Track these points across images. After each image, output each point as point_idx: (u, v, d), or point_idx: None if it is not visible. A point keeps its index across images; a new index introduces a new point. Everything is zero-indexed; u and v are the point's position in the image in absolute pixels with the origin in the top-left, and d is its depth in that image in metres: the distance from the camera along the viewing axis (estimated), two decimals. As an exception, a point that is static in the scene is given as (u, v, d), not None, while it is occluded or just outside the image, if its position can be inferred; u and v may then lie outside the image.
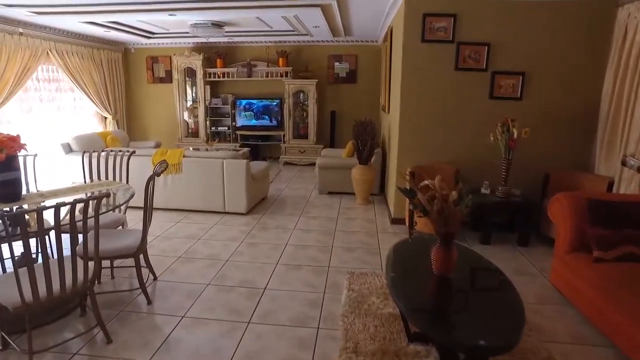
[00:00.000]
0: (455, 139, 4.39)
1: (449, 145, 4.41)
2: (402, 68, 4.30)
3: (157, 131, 8.90)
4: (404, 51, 4.25)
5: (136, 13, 5.27)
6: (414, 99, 4.33)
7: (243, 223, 4.72)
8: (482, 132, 4.19)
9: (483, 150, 4.25)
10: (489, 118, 4.20)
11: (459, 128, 4.36)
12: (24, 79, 6.06)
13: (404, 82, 4.33)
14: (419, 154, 4.44)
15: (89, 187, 3.16)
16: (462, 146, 4.39)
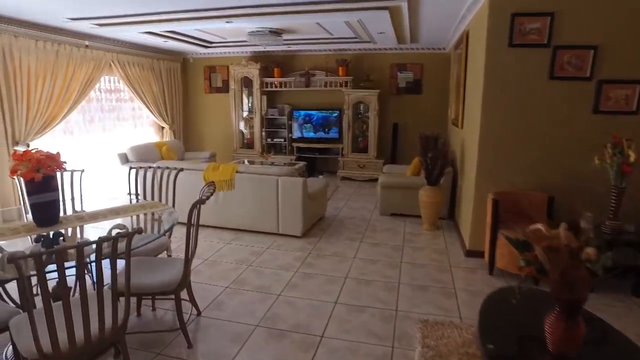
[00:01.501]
0: (547, 161, 3.70)
1: (539, 169, 3.72)
2: (484, 77, 3.69)
3: (212, 142, 8.80)
4: (486, 58, 3.65)
5: (193, 21, 5.07)
6: (498, 113, 3.71)
7: (298, 248, 4.29)
8: (583, 153, 3.48)
9: (583, 175, 3.54)
10: (591, 136, 3.49)
11: (552, 148, 3.66)
12: (87, 90, 6.09)
13: (485, 94, 3.72)
14: (501, 177, 3.80)
15: (130, 210, 2.86)
16: (555, 170, 3.69)
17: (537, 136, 3.67)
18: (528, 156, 3.72)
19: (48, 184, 2.37)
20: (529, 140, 3.69)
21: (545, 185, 3.70)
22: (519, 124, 3.68)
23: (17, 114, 5.13)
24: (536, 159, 3.71)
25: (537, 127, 3.66)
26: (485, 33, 3.62)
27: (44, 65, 5.37)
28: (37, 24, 5.22)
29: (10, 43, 4.99)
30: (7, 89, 5.00)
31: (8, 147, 5.10)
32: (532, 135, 3.68)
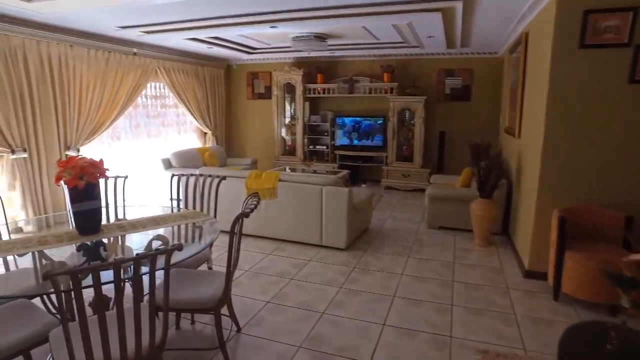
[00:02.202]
0: (624, 175, 3.30)
1: (615, 184, 3.33)
2: (550, 82, 3.36)
3: (254, 148, 8.78)
4: (552, 61, 3.32)
5: (238, 27, 5.02)
6: (565, 122, 3.36)
7: (342, 261, 4.09)
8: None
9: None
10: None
11: (631, 160, 3.27)
12: (134, 96, 6.20)
13: (550, 100, 3.38)
14: (568, 192, 3.44)
15: (171, 220, 2.77)
16: (635, 185, 3.29)
17: (613, 147, 3.29)
18: (601, 170, 3.35)
19: (90, 192, 2.31)
20: (602, 152, 3.32)
21: (621, 201, 3.31)
22: (591, 133, 3.32)
23: (69, 120, 5.26)
24: (611, 173, 3.33)
25: (613, 136, 3.28)
26: (552, 34, 3.30)
27: (94, 73, 5.50)
28: (90, 34, 5.36)
29: (66, 52, 5.14)
30: (62, 96, 5.15)
31: (60, 151, 5.23)
32: (607, 145, 3.30)
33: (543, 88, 3.47)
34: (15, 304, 2.24)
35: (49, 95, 5.02)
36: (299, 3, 4.08)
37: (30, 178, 4.89)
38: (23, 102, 4.75)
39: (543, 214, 3.51)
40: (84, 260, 2.42)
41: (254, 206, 2.32)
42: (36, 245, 2.26)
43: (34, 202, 4.94)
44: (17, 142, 4.71)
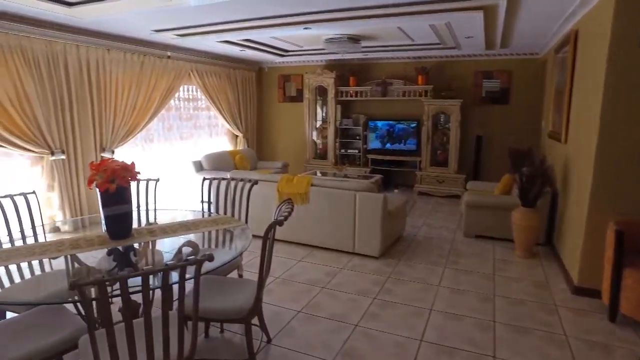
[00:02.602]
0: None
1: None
2: (605, 83, 3.11)
3: (285, 151, 8.73)
4: (609, 60, 3.07)
5: (270, 28, 4.96)
6: (625, 126, 3.10)
7: (375, 270, 3.93)
8: None
9: None
10: None
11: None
12: (167, 99, 6.26)
13: (607, 104, 3.13)
14: (625, 202, 3.16)
15: (202, 225, 2.70)
16: (701, 196, 2.99)
17: (675, 154, 3.01)
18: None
19: (122, 196, 2.26)
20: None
21: (685, 214, 3.02)
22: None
23: (105, 122, 5.35)
24: (673, 181, 3.05)
25: (675, 143, 3.00)
26: (608, 31, 3.05)
27: (130, 76, 5.58)
28: (126, 37, 5.44)
29: (103, 56, 5.23)
30: (98, 98, 5.24)
31: (96, 153, 5.32)
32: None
33: (597, 90, 3.22)
34: (47, 307, 2.22)
35: (87, 99, 5.12)
36: (335, 3, 3.97)
37: (67, 179, 4.99)
38: (62, 105, 4.86)
39: (595, 226, 3.25)
40: (114, 265, 2.38)
41: (287, 213, 2.22)
42: (68, 249, 2.23)
43: (71, 202, 5.03)
44: (57, 144, 4.81)
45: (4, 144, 4.37)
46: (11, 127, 4.38)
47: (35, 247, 2.23)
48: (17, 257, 2.12)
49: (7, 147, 4.41)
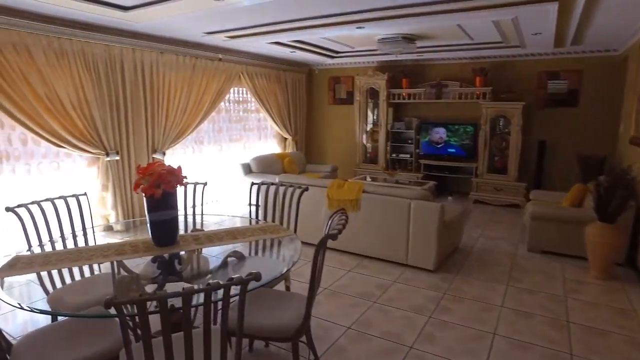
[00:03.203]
0: None
1: None
2: None
3: (334, 154, 8.56)
4: None
5: (322, 28, 4.80)
6: None
7: (430, 285, 3.65)
8: None
9: None
10: None
11: None
12: (218, 101, 6.28)
13: None
14: None
15: (249, 233, 2.56)
16: None
17: None
18: None
19: (167, 201, 2.16)
20: None
21: None
22: None
23: (157, 124, 5.42)
24: None
25: None
26: None
27: (182, 78, 5.63)
28: (179, 40, 5.50)
29: (157, 59, 5.31)
30: (151, 101, 5.32)
31: (148, 154, 5.41)
32: None
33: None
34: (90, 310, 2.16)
35: (140, 101, 5.21)
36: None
37: (121, 180, 5.09)
38: (118, 107, 4.96)
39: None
40: (158, 273, 2.30)
41: (341, 226, 2.02)
42: (114, 254, 2.17)
43: (123, 202, 5.13)
44: (111, 145, 4.92)
45: (65, 145, 4.51)
46: (72, 129, 4.51)
47: (83, 251, 2.19)
48: (65, 261, 2.09)
49: (67, 148, 4.55)
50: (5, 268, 2.00)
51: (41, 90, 4.21)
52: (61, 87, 4.36)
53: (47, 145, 4.49)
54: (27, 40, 4.09)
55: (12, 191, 4.32)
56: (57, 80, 4.33)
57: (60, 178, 4.71)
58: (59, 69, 4.35)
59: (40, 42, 4.19)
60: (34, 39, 4.14)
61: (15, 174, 4.35)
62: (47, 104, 4.27)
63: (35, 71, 4.16)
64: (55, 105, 4.34)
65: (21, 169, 4.39)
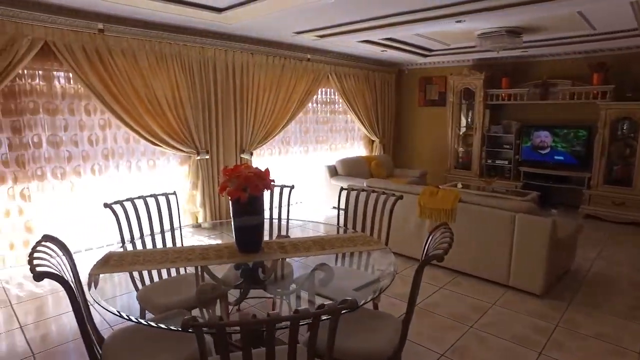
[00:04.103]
0: None
1: None
2: None
3: (423, 159, 8.11)
4: None
5: (417, 24, 4.47)
6: None
7: (537, 312, 3.16)
8: None
9: None
10: None
11: None
12: (305, 102, 6.22)
13: None
14: None
15: (337, 244, 2.35)
16: None
17: None
18: None
19: (253, 206, 2.03)
20: None
21: None
22: None
23: (246, 124, 5.50)
24: None
25: None
26: None
27: (270, 79, 5.65)
28: (269, 41, 5.53)
29: (247, 60, 5.38)
30: (241, 101, 5.40)
31: (236, 154, 5.50)
32: None
33: None
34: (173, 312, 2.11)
35: (230, 101, 5.31)
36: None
37: (210, 178, 5.22)
38: (209, 107, 5.10)
39: None
40: (240, 281, 2.19)
41: (447, 245, 1.72)
42: (198, 259, 2.10)
43: (211, 200, 5.25)
44: (202, 145, 5.06)
45: (161, 144, 4.72)
46: (168, 128, 4.71)
47: (169, 252, 2.16)
48: (152, 262, 2.06)
49: (163, 147, 4.76)
50: (99, 265, 2.02)
51: (142, 92, 4.44)
52: (159, 89, 4.57)
53: (146, 144, 4.73)
54: (133, 46, 4.34)
55: (115, 186, 4.62)
56: (156, 82, 4.54)
57: (156, 175, 4.95)
58: (158, 72, 4.56)
59: (144, 46, 4.42)
60: (139, 44, 4.38)
61: (118, 171, 4.64)
62: (147, 105, 4.49)
63: (138, 74, 4.40)
64: (154, 106, 4.55)
65: (123, 165, 4.68)
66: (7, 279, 3.82)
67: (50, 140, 4.13)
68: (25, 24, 3.66)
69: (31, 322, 3.05)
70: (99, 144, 4.46)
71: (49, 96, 4.08)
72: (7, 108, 3.86)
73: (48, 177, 4.17)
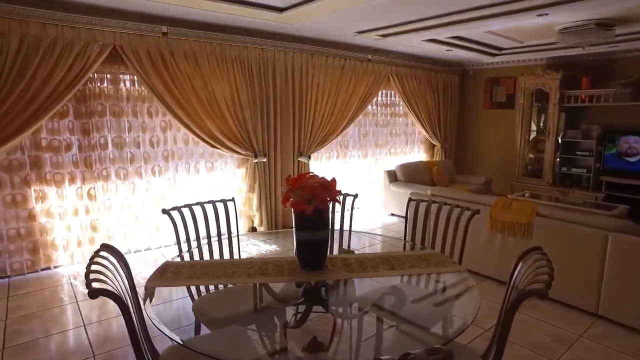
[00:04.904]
0: None
1: None
2: None
3: (486, 165, 7.60)
4: None
5: (492, 19, 4.11)
6: None
7: (635, 352, 2.73)
8: None
9: None
10: None
11: None
12: (365, 104, 6.01)
13: None
14: None
15: (408, 263, 2.09)
16: None
17: None
18: None
19: (319, 220, 1.86)
20: None
21: None
22: None
23: (304, 127, 5.37)
24: None
25: None
26: None
27: (330, 80, 5.49)
28: (329, 42, 5.37)
29: (307, 61, 5.25)
30: (299, 103, 5.28)
31: (294, 157, 5.38)
32: None
33: None
34: (229, 329, 1.99)
35: (289, 103, 5.20)
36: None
37: (266, 181, 5.15)
38: (268, 109, 5.02)
39: None
40: (301, 299, 2.02)
41: (549, 277, 1.44)
42: (257, 274, 1.94)
43: (267, 203, 5.17)
44: (260, 147, 4.99)
45: (219, 146, 4.70)
46: (226, 131, 4.68)
47: (227, 266, 2.02)
48: (209, 276, 1.93)
49: (221, 149, 4.74)
50: (156, 276, 1.93)
51: (202, 94, 4.43)
52: (219, 91, 4.54)
53: (204, 146, 4.73)
54: (194, 48, 4.34)
55: (173, 187, 4.65)
56: (216, 84, 4.52)
57: (213, 177, 4.95)
58: (218, 73, 4.54)
59: (205, 49, 4.41)
60: (200, 46, 4.38)
61: (177, 172, 4.67)
62: (206, 107, 4.48)
63: (199, 76, 4.40)
64: (213, 108, 4.53)
65: (182, 167, 4.71)
66: (75, 275, 3.94)
67: (115, 141, 4.23)
68: (97, 30, 3.78)
69: (95, 321, 3.08)
70: (159, 146, 4.51)
71: (115, 99, 4.17)
72: (79, 111, 3.99)
73: (112, 177, 4.26)
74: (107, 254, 1.71)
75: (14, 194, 3.78)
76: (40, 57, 3.52)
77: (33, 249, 3.94)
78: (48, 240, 4.00)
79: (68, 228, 4.10)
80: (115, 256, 1.73)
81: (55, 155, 3.94)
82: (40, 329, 2.97)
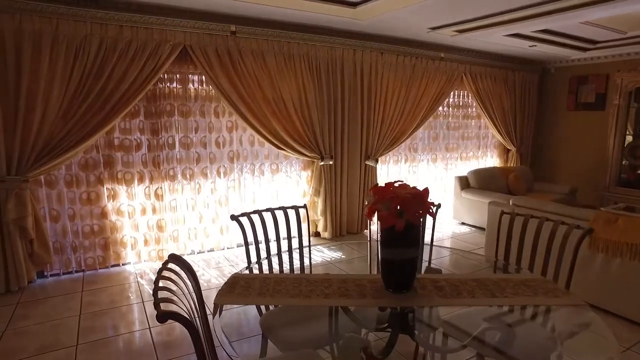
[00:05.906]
0: None
1: None
2: None
3: (569, 172, 6.88)
4: None
5: (593, 7, 3.60)
6: None
7: None
8: None
9: None
10: None
11: None
12: (437, 105, 5.63)
13: None
14: None
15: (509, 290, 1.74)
16: None
17: None
18: None
19: (409, 236, 1.60)
20: None
21: None
22: None
23: (372, 129, 5.11)
24: None
25: None
26: None
27: (400, 80, 5.19)
28: (400, 39, 5.08)
29: (376, 60, 5.00)
30: (368, 104, 5.03)
31: (361, 160, 5.14)
32: None
33: None
34: (301, 353, 1.79)
35: (357, 104, 4.97)
36: None
37: (332, 184, 4.94)
38: (335, 110, 4.82)
39: None
40: (385, 325, 1.77)
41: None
42: (336, 295, 1.71)
43: (332, 208, 4.96)
44: (326, 149, 4.80)
45: (285, 148, 4.56)
46: (292, 132, 4.53)
47: (302, 283, 1.81)
48: (282, 294, 1.72)
49: (287, 151, 4.60)
50: (225, 290, 1.76)
51: (269, 94, 4.32)
52: (286, 90, 4.41)
53: (270, 148, 4.62)
54: (262, 47, 4.24)
55: (239, 189, 4.58)
56: (283, 84, 4.38)
57: (277, 179, 4.82)
58: (286, 72, 4.40)
59: (272, 47, 4.29)
60: (268, 45, 4.27)
61: (242, 174, 4.59)
62: (273, 107, 4.36)
63: (266, 75, 4.29)
64: (279, 108, 4.41)
65: (247, 168, 4.62)
66: (141, 273, 3.96)
67: (182, 141, 4.21)
68: (169, 31, 3.80)
69: (160, 324, 3.03)
70: (225, 146, 4.45)
71: (183, 99, 4.16)
72: (149, 111, 4.02)
73: (178, 177, 4.26)
74: (174, 266, 1.57)
75: (89, 191, 3.88)
76: (117, 58, 3.59)
77: (104, 245, 4.02)
78: (117, 238, 4.07)
79: (136, 227, 4.15)
80: (183, 268, 1.59)
81: (126, 154, 4.00)
82: (110, 327, 2.98)
